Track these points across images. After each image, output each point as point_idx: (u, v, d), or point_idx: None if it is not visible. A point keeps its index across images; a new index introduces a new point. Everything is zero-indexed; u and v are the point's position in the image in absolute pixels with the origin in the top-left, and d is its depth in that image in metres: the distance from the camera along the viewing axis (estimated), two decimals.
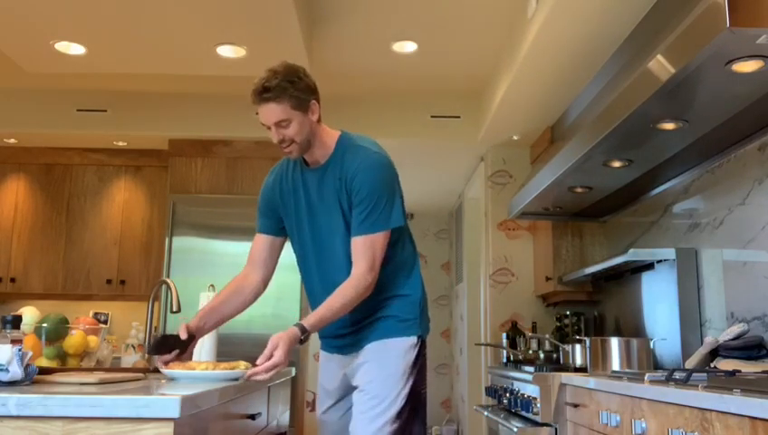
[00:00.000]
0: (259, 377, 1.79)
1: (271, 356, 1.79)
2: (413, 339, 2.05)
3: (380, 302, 2.06)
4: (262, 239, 2.20)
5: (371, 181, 2.01)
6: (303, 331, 1.87)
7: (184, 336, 1.93)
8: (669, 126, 2.43)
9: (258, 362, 1.79)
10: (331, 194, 2.05)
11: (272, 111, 1.93)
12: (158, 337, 1.90)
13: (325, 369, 2.22)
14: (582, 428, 2.59)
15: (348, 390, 2.13)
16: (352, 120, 4.57)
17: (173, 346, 1.91)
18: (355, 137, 2.10)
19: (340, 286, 1.97)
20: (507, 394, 3.38)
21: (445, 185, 5.96)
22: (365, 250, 1.99)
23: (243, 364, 1.79)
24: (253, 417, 2.01)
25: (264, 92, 1.92)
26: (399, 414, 1.96)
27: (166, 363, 1.88)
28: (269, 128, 1.97)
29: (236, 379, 1.78)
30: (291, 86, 1.93)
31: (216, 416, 1.54)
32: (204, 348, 2.35)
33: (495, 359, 4.54)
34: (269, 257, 2.19)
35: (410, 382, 2.01)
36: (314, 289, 2.12)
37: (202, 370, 1.73)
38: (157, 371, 2.19)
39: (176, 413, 1.17)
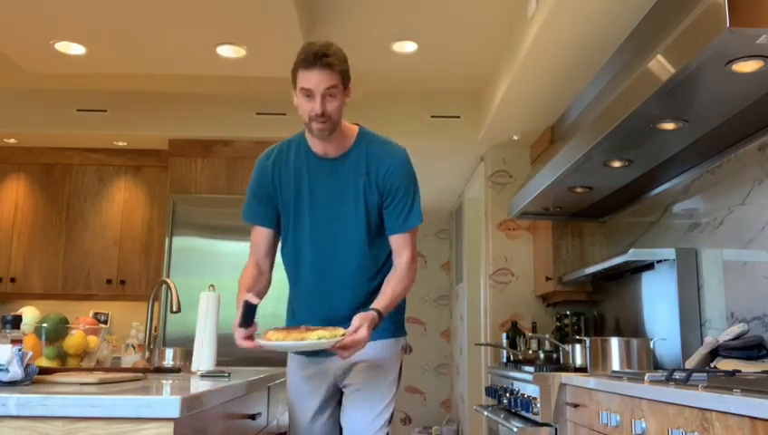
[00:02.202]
0: (345, 353, 1.76)
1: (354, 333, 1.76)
2: (403, 340, 2.09)
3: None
4: (265, 233, 2.10)
5: (409, 177, 2.00)
6: (380, 316, 1.84)
7: (256, 301, 1.83)
8: (669, 126, 2.43)
9: (348, 332, 1.75)
10: (349, 188, 1.98)
11: (327, 76, 1.84)
12: (245, 309, 1.79)
13: (303, 378, 2.08)
14: (582, 428, 2.59)
15: (336, 393, 2.08)
16: (352, 121, 4.56)
17: (253, 318, 1.83)
18: (372, 132, 2.07)
19: (392, 275, 1.96)
20: (507, 394, 3.38)
21: (445, 185, 5.96)
22: (408, 243, 1.98)
23: (316, 334, 1.74)
24: (253, 417, 2.01)
25: (325, 56, 1.83)
26: (392, 415, 2.00)
27: (245, 338, 1.79)
28: (308, 96, 1.86)
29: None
30: (345, 61, 1.89)
31: (216, 416, 1.54)
32: (204, 350, 2.35)
33: (495, 359, 4.54)
34: (272, 250, 2.12)
35: (400, 384, 2.06)
36: (307, 285, 2.04)
37: (276, 340, 1.72)
38: (157, 370, 2.19)
39: (176, 413, 1.17)
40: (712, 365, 2.43)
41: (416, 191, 2.02)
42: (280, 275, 2.18)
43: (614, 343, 2.83)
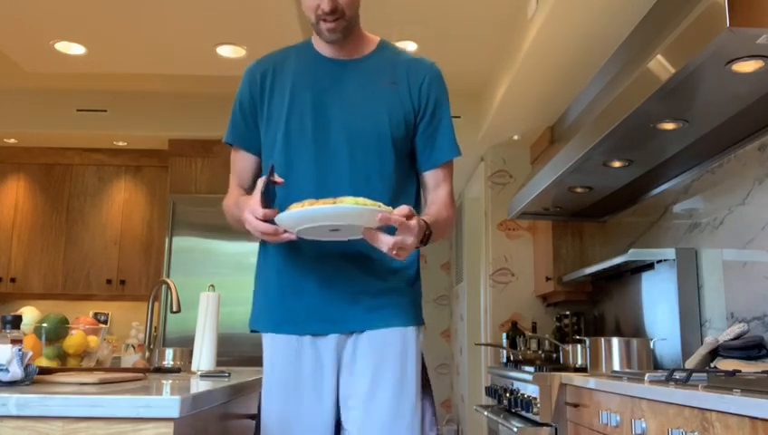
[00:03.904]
0: (388, 242, 1.32)
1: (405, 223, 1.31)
2: (422, 331, 1.65)
3: (414, 263, 1.59)
4: (250, 160, 1.65)
5: (448, 96, 1.64)
6: (428, 229, 1.42)
7: (281, 181, 1.42)
8: (669, 126, 2.43)
9: (396, 212, 1.32)
10: (368, 96, 1.57)
11: None
12: (266, 183, 1.39)
13: (293, 386, 1.51)
14: (582, 428, 2.59)
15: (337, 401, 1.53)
16: None
17: (272, 200, 1.42)
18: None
19: (433, 204, 1.57)
20: (507, 394, 3.38)
21: None
22: (448, 179, 1.62)
23: (353, 199, 1.30)
24: (253, 417, 2.01)
25: None
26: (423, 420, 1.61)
27: (264, 219, 1.39)
28: None
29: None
30: None
31: (215, 416, 1.54)
32: (204, 350, 2.35)
33: (495, 359, 4.54)
34: (253, 183, 1.65)
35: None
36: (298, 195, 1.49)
37: (304, 208, 1.30)
38: (157, 370, 2.19)
39: (176, 413, 1.17)
40: (712, 365, 2.43)
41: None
42: None
43: (614, 343, 2.83)
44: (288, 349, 1.55)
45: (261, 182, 1.39)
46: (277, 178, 1.41)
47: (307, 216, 1.30)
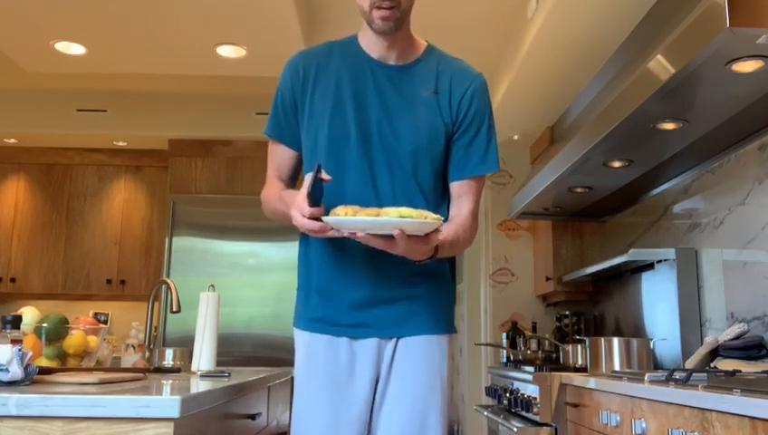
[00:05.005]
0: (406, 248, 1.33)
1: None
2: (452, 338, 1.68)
3: (445, 269, 1.63)
4: (290, 155, 1.64)
5: (490, 108, 1.60)
6: (435, 249, 1.42)
7: (328, 178, 1.41)
8: (669, 126, 2.43)
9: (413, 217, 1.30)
10: (413, 105, 1.56)
11: None
12: (314, 181, 1.38)
13: (328, 385, 1.51)
14: (582, 428, 2.58)
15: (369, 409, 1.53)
16: None
17: (320, 197, 1.42)
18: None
19: (453, 220, 1.54)
20: (507, 394, 3.38)
21: None
22: (473, 192, 1.57)
23: (398, 211, 1.32)
24: (253, 417, 2.01)
25: None
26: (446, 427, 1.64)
27: (311, 216, 1.39)
28: None
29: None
30: None
31: (216, 416, 1.54)
32: (204, 350, 2.35)
33: (495, 359, 4.54)
34: (296, 177, 1.67)
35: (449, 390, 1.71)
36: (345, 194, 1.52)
37: (347, 216, 1.32)
38: (157, 370, 2.19)
39: (176, 413, 1.17)
40: (712, 365, 2.43)
41: (494, 129, 1.60)
42: (279, 277, 2.13)
43: (614, 343, 2.83)
44: (323, 348, 1.55)
45: (308, 180, 1.38)
46: (325, 176, 1.39)
47: (351, 225, 1.32)
